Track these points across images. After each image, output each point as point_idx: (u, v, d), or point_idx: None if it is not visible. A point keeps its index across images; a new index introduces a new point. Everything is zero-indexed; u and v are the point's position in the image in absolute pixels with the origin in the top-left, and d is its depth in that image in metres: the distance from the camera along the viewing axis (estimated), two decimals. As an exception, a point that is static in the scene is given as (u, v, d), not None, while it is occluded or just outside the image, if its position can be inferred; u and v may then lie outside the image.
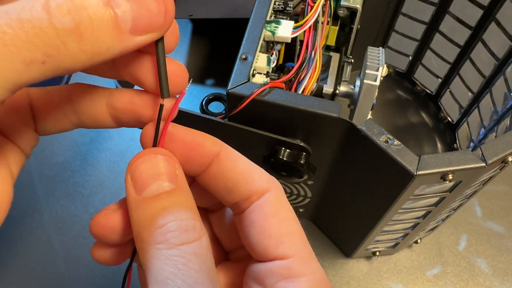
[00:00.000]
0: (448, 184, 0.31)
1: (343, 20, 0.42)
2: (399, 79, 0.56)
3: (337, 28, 0.42)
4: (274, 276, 0.18)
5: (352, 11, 0.40)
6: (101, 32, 0.15)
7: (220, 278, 0.22)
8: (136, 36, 0.16)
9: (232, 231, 0.22)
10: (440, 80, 0.51)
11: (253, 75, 0.33)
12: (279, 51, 0.36)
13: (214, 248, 0.23)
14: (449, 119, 0.52)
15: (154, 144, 0.18)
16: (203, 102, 0.37)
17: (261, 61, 0.33)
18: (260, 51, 0.33)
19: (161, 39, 0.17)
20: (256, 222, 0.19)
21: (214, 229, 0.24)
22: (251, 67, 0.32)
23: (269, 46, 0.35)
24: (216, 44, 0.61)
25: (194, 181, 0.21)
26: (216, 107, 0.38)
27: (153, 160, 0.18)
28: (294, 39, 0.36)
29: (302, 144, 0.32)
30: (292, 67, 0.35)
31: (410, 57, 0.53)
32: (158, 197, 0.17)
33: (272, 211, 0.19)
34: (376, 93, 0.36)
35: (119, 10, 0.15)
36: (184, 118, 0.31)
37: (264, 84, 0.30)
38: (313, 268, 0.19)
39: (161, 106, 0.18)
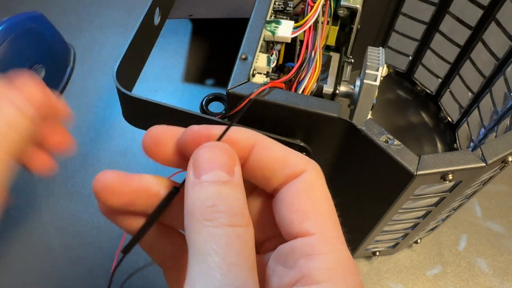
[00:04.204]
0: (448, 184, 0.31)
1: (343, 20, 0.42)
2: (399, 79, 0.56)
3: (337, 28, 0.42)
4: (296, 254, 0.18)
5: (352, 11, 0.40)
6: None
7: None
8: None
9: (262, 221, 0.22)
10: (440, 80, 0.51)
11: (253, 75, 0.33)
12: (279, 51, 0.36)
13: None
14: (449, 119, 0.52)
15: (219, 139, 0.19)
16: (203, 102, 0.37)
17: (261, 61, 0.33)
18: (260, 51, 0.33)
19: (170, 199, 0.20)
20: (286, 199, 0.19)
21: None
22: (251, 67, 0.32)
23: (269, 46, 0.35)
24: (216, 44, 0.61)
25: None
26: (216, 107, 0.38)
27: (217, 151, 0.18)
28: (294, 39, 0.36)
29: (302, 144, 0.32)
30: (292, 67, 0.35)
31: (410, 57, 0.53)
32: (214, 183, 0.18)
33: (304, 189, 0.19)
34: (376, 93, 0.36)
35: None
36: (184, 118, 0.31)
37: (264, 84, 0.30)
38: (337, 248, 0.18)
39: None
